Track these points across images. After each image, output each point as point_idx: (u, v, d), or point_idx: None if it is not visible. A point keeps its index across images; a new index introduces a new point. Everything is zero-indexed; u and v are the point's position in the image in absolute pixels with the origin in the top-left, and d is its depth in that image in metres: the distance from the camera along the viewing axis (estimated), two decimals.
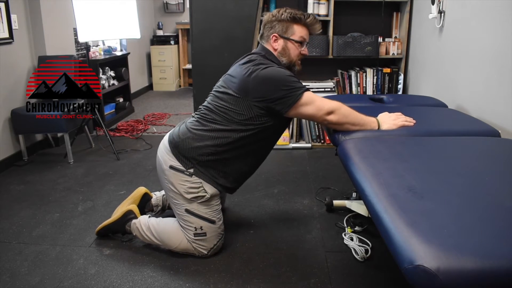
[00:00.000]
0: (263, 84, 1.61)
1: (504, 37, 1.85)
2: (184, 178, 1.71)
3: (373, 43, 3.15)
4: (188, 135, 1.72)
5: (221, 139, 1.67)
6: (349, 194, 2.33)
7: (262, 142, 1.76)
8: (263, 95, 1.61)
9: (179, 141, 1.72)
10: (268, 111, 1.65)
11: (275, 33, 1.74)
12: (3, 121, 2.95)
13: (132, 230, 1.87)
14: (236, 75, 1.68)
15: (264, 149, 1.82)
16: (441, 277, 0.79)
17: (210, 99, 1.77)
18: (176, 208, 1.76)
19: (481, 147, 1.49)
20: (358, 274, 1.67)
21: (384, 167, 1.24)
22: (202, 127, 1.71)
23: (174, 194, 1.74)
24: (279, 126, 1.76)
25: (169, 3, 6.15)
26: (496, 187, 1.12)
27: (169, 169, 1.73)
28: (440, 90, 2.53)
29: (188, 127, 1.75)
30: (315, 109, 1.62)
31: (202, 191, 1.71)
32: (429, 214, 0.97)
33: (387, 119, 1.70)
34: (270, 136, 1.78)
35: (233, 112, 1.66)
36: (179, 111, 4.68)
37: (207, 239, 1.75)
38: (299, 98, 1.60)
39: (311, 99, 1.62)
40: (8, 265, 1.75)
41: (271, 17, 1.76)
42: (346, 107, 1.66)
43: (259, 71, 1.62)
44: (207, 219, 1.73)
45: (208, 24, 3.09)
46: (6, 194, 2.50)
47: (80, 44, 3.87)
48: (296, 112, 1.64)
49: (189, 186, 1.71)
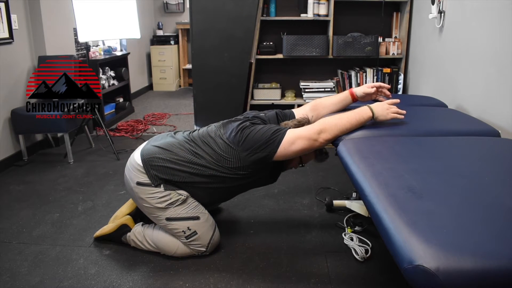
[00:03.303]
0: (250, 137, 1.67)
1: (504, 37, 1.85)
2: (153, 191, 1.71)
3: (373, 43, 3.15)
4: (165, 156, 1.73)
5: (198, 173, 1.71)
6: (349, 194, 2.33)
7: (236, 188, 1.84)
8: (251, 147, 1.66)
9: (154, 157, 1.73)
10: (256, 163, 1.68)
11: None
12: (3, 121, 2.95)
13: (129, 242, 1.87)
14: (233, 127, 1.74)
15: (233, 193, 1.93)
16: (440, 277, 0.79)
17: (202, 136, 1.78)
18: (157, 221, 1.77)
19: (481, 147, 1.49)
20: (358, 274, 1.67)
21: (384, 167, 1.24)
22: (184, 155, 1.72)
23: (149, 209, 1.75)
24: (261, 179, 1.83)
25: (169, 3, 6.15)
26: (496, 187, 1.12)
27: (136, 186, 1.74)
28: (440, 90, 2.52)
29: (167, 147, 1.75)
30: (305, 140, 1.63)
31: (175, 195, 1.72)
32: (429, 214, 0.97)
33: (381, 107, 1.67)
34: (246, 186, 1.86)
35: (222, 158, 1.70)
36: (179, 111, 4.68)
37: (199, 236, 1.75)
38: (283, 137, 1.63)
39: (296, 134, 1.64)
40: (8, 265, 1.75)
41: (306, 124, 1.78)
42: (331, 118, 1.67)
43: (250, 127, 1.70)
44: (190, 217, 1.73)
45: (208, 24, 3.09)
46: (6, 194, 2.50)
47: (80, 44, 3.87)
48: (286, 152, 1.65)
49: (160, 197, 1.71)
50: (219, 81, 3.17)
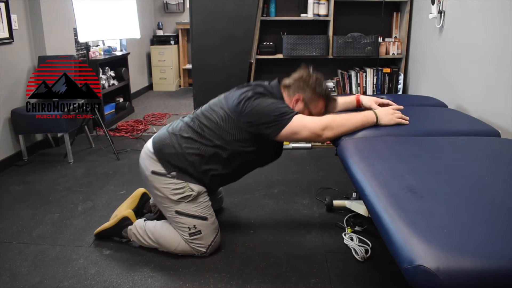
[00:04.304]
0: (255, 111, 1.64)
1: (503, 37, 1.85)
2: (167, 181, 1.72)
3: (373, 43, 3.15)
4: (174, 140, 1.74)
5: (205, 151, 1.71)
6: (349, 194, 2.33)
7: (242, 166, 1.80)
8: (254, 121, 1.65)
9: (163, 145, 1.75)
10: (257, 137, 1.68)
11: (302, 95, 1.74)
12: (3, 121, 2.95)
13: (129, 236, 1.88)
14: (234, 96, 1.72)
15: (243, 171, 1.88)
16: (441, 277, 0.79)
17: (205, 110, 1.79)
18: (166, 211, 1.77)
19: (481, 147, 1.49)
20: (358, 274, 1.67)
21: (384, 167, 1.24)
22: (189, 136, 1.73)
23: (161, 199, 1.75)
24: (265, 154, 1.81)
25: (169, 3, 6.15)
26: (496, 187, 1.12)
27: (151, 175, 1.75)
28: (440, 90, 2.52)
29: (175, 133, 1.77)
30: (308, 132, 1.62)
31: (188, 190, 1.73)
32: (429, 214, 0.97)
33: (385, 112, 1.68)
34: (252, 162, 1.82)
35: (223, 130, 1.69)
36: (179, 111, 4.68)
37: (203, 236, 1.75)
38: (288, 122, 1.61)
39: (302, 123, 1.62)
40: (8, 265, 1.75)
41: (308, 79, 1.75)
42: (339, 117, 1.65)
43: (253, 99, 1.66)
44: (199, 216, 1.74)
45: (208, 24, 3.09)
46: (6, 194, 2.50)
47: (80, 44, 3.87)
48: (288, 137, 1.64)
49: (173, 188, 1.72)
50: (219, 81, 3.17)
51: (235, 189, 2.38)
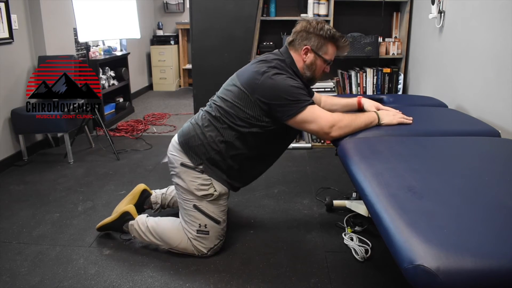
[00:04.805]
0: (270, 88, 1.60)
1: (504, 37, 1.85)
2: (195, 175, 1.73)
3: (373, 43, 3.14)
4: (197, 131, 1.74)
5: (227, 136, 1.69)
6: (349, 194, 2.33)
7: (268, 145, 1.76)
8: (267, 98, 1.62)
9: (189, 137, 1.75)
10: (270, 114, 1.65)
11: (309, 45, 1.69)
12: (3, 121, 2.95)
13: (130, 231, 1.88)
14: (248, 70, 1.69)
15: (271, 152, 1.83)
16: (441, 277, 0.79)
17: (219, 93, 1.79)
18: (184, 203, 1.77)
19: (481, 147, 1.49)
20: (358, 274, 1.67)
21: (384, 167, 1.24)
22: (210, 123, 1.73)
23: (184, 190, 1.76)
24: (283, 132, 1.74)
25: (169, 3, 6.15)
26: (496, 187, 1.12)
27: (180, 166, 1.75)
28: (440, 90, 2.52)
29: (197, 123, 1.77)
30: (317, 127, 1.61)
31: (211, 188, 1.73)
32: (429, 214, 0.97)
33: (386, 113, 1.70)
34: (274, 141, 1.77)
35: (238, 108, 1.66)
36: (179, 111, 4.68)
37: (209, 238, 1.75)
38: (301, 111, 1.59)
39: (314, 116, 1.60)
40: (8, 265, 1.75)
41: (308, 27, 1.69)
42: (346, 117, 1.65)
43: (270, 74, 1.61)
44: (213, 218, 1.75)
45: (208, 24, 3.09)
46: (6, 194, 2.50)
47: (80, 44, 3.87)
48: (297, 125, 1.64)
49: (199, 183, 1.72)
50: (219, 81, 3.12)
51: None
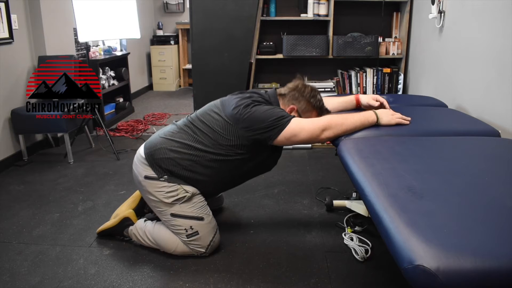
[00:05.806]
0: (252, 116, 1.65)
1: (504, 37, 1.84)
2: (160, 185, 1.72)
3: (373, 43, 3.14)
4: (166, 145, 1.73)
5: (199, 157, 1.70)
6: (349, 194, 2.33)
7: (238, 174, 1.80)
8: (251, 125, 1.64)
9: (155, 150, 1.74)
10: (254, 143, 1.67)
11: (296, 106, 1.77)
12: (3, 121, 2.95)
13: (130, 236, 1.89)
14: (231, 102, 1.72)
15: (236, 179, 1.87)
16: (440, 277, 0.79)
17: (200, 114, 1.78)
18: (161, 215, 1.77)
19: (481, 147, 1.49)
20: (358, 274, 1.67)
21: (384, 167, 1.24)
22: (183, 140, 1.73)
23: (155, 203, 1.75)
24: (262, 162, 1.79)
25: (169, 3, 6.15)
26: (496, 187, 1.12)
27: (144, 180, 1.74)
28: (440, 90, 2.52)
29: (167, 136, 1.76)
30: (307, 134, 1.62)
31: (181, 192, 1.72)
32: (429, 214, 0.97)
33: (385, 113, 1.70)
34: (247, 170, 1.80)
35: (219, 135, 1.69)
36: (179, 111, 4.68)
37: (201, 237, 1.75)
38: (287, 124, 1.62)
39: (300, 126, 1.63)
40: (8, 265, 1.75)
41: (303, 90, 1.78)
42: (337, 116, 1.66)
43: (252, 106, 1.67)
44: (195, 217, 1.74)
45: (208, 24, 3.09)
46: (6, 194, 2.50)
47: (80, 44, 3.87)
48: (287, 140, 1.65)
49: (167, 191, 1.72)
50: (219, 81, 3.17)
51: (235, 189, 2.36)
